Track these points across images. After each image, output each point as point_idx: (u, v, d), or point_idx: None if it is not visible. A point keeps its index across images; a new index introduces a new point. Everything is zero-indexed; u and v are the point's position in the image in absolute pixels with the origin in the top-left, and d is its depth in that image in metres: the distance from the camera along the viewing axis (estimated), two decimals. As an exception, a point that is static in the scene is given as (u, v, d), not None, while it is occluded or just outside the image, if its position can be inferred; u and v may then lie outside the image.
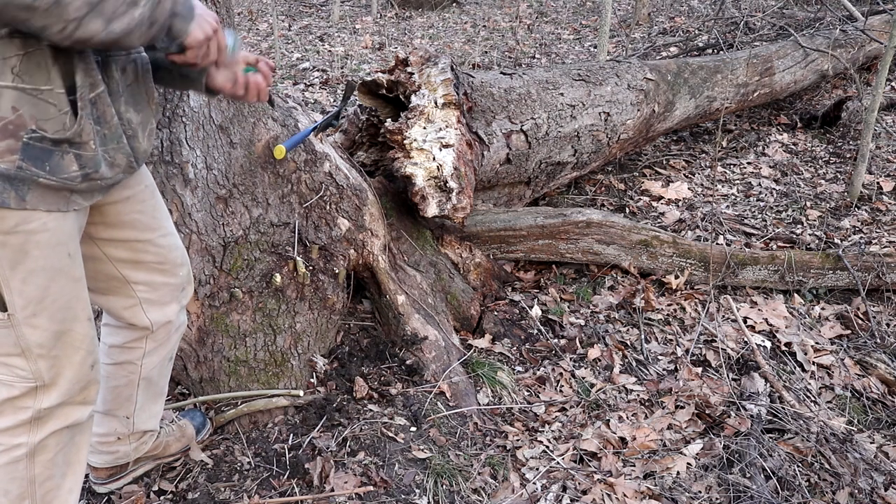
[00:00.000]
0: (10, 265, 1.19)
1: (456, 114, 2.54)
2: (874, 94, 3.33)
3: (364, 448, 2.00)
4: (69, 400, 1.36)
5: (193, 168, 1.85)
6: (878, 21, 4.85)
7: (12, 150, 1.09)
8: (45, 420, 1.34)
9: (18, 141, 1.10)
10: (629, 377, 2.46)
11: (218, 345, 2.04)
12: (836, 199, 3.64)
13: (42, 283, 1.23)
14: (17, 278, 1.20)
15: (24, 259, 1.19)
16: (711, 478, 2.02)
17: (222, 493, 1.85)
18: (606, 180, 3.77)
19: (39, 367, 1.30)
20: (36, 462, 1.36)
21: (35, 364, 1.29)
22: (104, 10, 1.03)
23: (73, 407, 1.38)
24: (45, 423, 1.35)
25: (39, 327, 1.26)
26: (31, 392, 1.31)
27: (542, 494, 1.96)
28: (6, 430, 1.32)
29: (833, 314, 2.84)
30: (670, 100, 3.62)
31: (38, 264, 1.21)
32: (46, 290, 1.24)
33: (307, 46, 6.53)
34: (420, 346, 2.31)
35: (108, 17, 1.04)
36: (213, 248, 1.95)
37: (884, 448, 2.18)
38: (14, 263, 1.19)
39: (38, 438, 1.35)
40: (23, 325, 1.25)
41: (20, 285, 1.21)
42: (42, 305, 1.25)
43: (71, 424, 1.39)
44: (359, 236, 2.33)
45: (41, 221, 1.18)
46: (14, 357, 1.27)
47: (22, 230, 1.17)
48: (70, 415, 1.38)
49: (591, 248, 2.88)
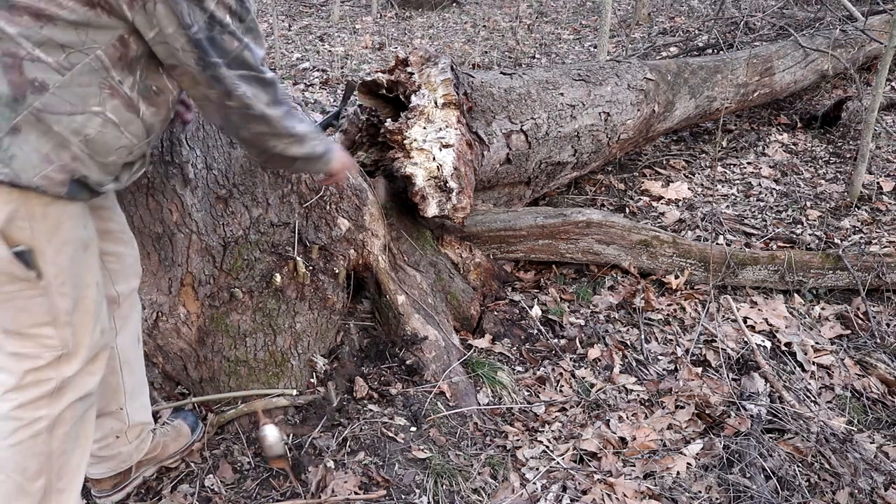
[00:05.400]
0: (47, 236, 1.29)
1: (456, 114, 2.54)
2: (874, 94, 3.33)
3: (364, 448, 2.00)
4: (84, 369, 1.44)
5: (193, 168, 1.85)
6: (878, 21, 4.84)
7: (62, 184, 1.28)
8: (64, 391, 1.41)
9: (69, 178, 1.29)
10: (629, 377, 2.46)
11: (218, 345, 2.04)
12: (836, 199, 3.64)
13: (71, 252, 1.34)
14: (52, 248, 1.30)
15: (58, 230, 1.30)
16: (711, 478, 2.02)
17: (223, 493, 1.85)
18: (606, 180, 3.77)
19: (66, 335, 1.38)
20: (54, 436, 1.42)
21: (63, 331, 1.37)
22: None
23: (87, 376, 1.46)
24: (63, 394, 1.42)
25: (66, 295, 1.35)
26: (55, 362, 1.38)
27: (542, 494, 1.96)
28: (27, 405, 1.38)
29: (833, 314, 2.84)
30: (670, 100, 3.62)
31: (69, 235, 1.33)
32: (73, 259, 1.35)
33: (307, 46, 6.53)
34: (420, 346, 2.31)
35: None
36: (213, 248, 1.95)
37: (884, 448, 2.18)
38: (50, 235, 1.29)
39: (58, 410, 1.41)
40: (56, 294, 1.34)
41: (54, 255, 1.31)
42: (69, 274, 1.34)
43: (84, 395, 1.46)
44: (359, 236, 2.33)
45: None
46: (44, 326, 1.35)
47: (60, 202, 1.29)
48: (84, 384, 1.45)
49: (591, 248, 2.87)
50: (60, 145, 1.26)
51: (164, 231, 1.87)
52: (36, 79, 1.21)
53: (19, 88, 1.20)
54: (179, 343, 2.01)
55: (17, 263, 1.28)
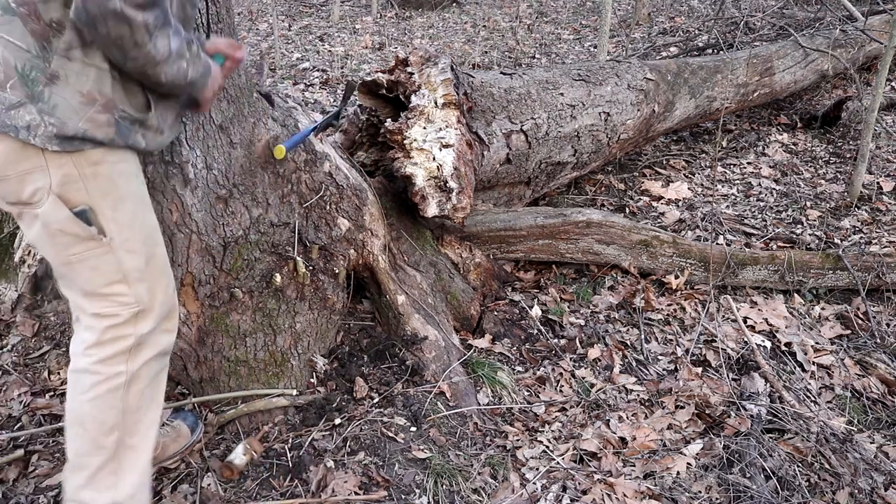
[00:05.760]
0: (101, 194, 1.35)
1: (456, 114, 2.54)
2: (874, 94, 3.32)
3: (364, 448, 2.00)
4: (159, 326, 1.50)
5: (193, 168, 1.85)
6: (878, 21, 4.84)
7: (110, 125, 1.32)
8: (141, 347, 1.47)
9: (115, 118, 1.33)
10: (629, 377, 2.46)
11: (218, 345, 2.04)
12: (836, 199, 3.64)
13: (130, 208, 1.41)
14: (108, 206, 1.37)
15: (112, 188, 1.37)
16: (711, 478, 2.02)
17: (223, 493, 1.85)
18: (606, 180, 3.77)
19: (140, 291, 1.45)
20: (130, 392, 1.48)
21: (136, 288, 1.44)
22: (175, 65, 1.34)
23: (163, 334, 1.52)
24: (141, 351, 1.48)
25: (135, 251, 1.43)
26: (132, 318, 1.45)
27: (542, 494, 1.96)
28: (107, 360, 1.44)
29: (833, 314, 2.84)
30: (670, 100, 3.62)
31: (124, 191, 1.39)
32: (134, 214, 1.41)
33: (307, 46, 6.52)
34: (420, 346, 2.31)
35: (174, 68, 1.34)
36: (213, 248, 1.95)
37: (884, 448, 2.18)
38: (104, 193, 1.36)
39: (136, 367, 1.47)
40: (121, 250, 1.40)
41: (112, 212, 1.38)
42: (133, 230, 1.41)
43: (160, 352, 1.52)
44: (359, 236, 2.33)
45: (120, 153, 1.38)
46: (116, 284, 1.42)
47: (107, 160, 1.35)
48: (160, 341, 1.52)
49: (591, 248, 2.87)
50: (99, 78, 1.30)
51: (164, 231, 1.86)
52: (52, 19, 1.24)
53: (42, 35, 1.24)
54: (179, 343, 2.01)
55: (79, 223, 1.35)
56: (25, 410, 2.08)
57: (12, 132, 1.26)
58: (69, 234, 1.36)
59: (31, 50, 1.24)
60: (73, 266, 1.41)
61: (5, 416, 2.06)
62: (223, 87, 1.62)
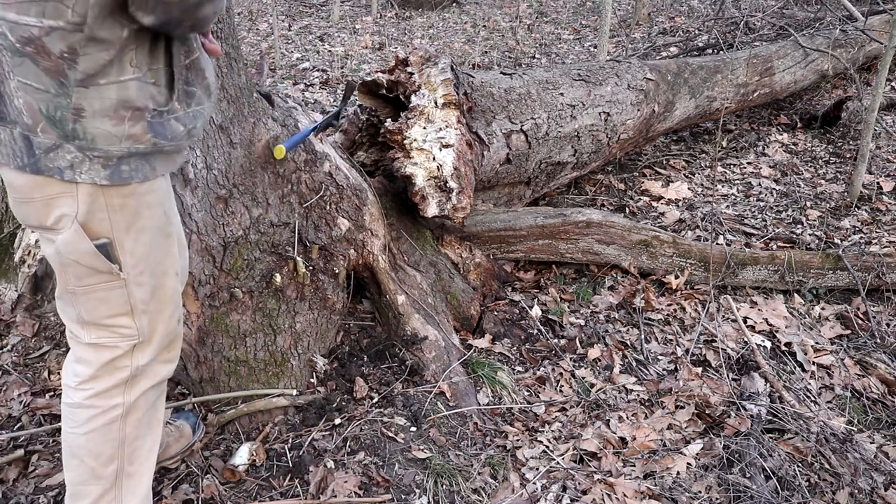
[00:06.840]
0: (126, 227, 1.30)
1: (456, 114, 2.54)
2: (874, 94, 3.32)
3: (364, 448, 2.00)
4: (158, 356, 1.46)
5: (193, 168, 1.85)
6: (878, 21, 4.84)
7: (145, 131, 1.25)
8: (139, 378, 1.44)
9: (146, 122, 1.25)
10: (629, 377, 2.46)
11: (218, 345, 2.04)
12: (836, 199, 3.64)
13: (148, 241, 1.35)
14: (130, 238, 1.32)
15: (136, 220, 1.31)
16: (711, 478, 2.02)
17: (223, 493, 1.85)
18: (606, 180, 3.77)
19: (142, 324, 1.40)
20: (128, 422, 1.45)
21: (139, 320, 1.39)
22: None
23: (161, 364, 1.48)
24: (138, 382, 1.44)
25: (144, 284, 1.37)
26: (130, 350, 1.40)
27: (542, 494, 1.96)
28: (104, 393, 1.40)
29: (833, 314, 2.84)
30: (670, 100, 3.62)
31: (146, 223, 1.34)
32: (150, 247, 1.36)
33: (307, 46, 6.52)
34: (420, 346, 2.31)
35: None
36: (213, 248, 1.95)
37: (884, 448, 2.18)
38: (129, 225, 1.31)
39: (133, 398, 1.44)
40: (132, 283, 1.35)
41: (132, 245, 1.33)
42: (147, 263, 1.36)
43: (158, 383, 1.48)
44: (359, 236, 2.33)
45: (150, 183, 1.31)
46: (121, 317, 1.37)
47: (137, 192, 1.29)
48: (158, 372, 1.48)
49: (591, 248, 2.87)
50: (119, 92, 1.21)
51: (164, 231, 1.87)
52: (62, 50, 1.14)
53: (57, 71, 1.16)
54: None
55: (100, 257, 1.30)
56: (25, 410, 2.08)
57: (57, 174, 1.21)
58: (85, 265, 1.31)
59: (50, 89, 1.16)
60: (77, 296, 1.36)
61: (5, 416, 2.06)
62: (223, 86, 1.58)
